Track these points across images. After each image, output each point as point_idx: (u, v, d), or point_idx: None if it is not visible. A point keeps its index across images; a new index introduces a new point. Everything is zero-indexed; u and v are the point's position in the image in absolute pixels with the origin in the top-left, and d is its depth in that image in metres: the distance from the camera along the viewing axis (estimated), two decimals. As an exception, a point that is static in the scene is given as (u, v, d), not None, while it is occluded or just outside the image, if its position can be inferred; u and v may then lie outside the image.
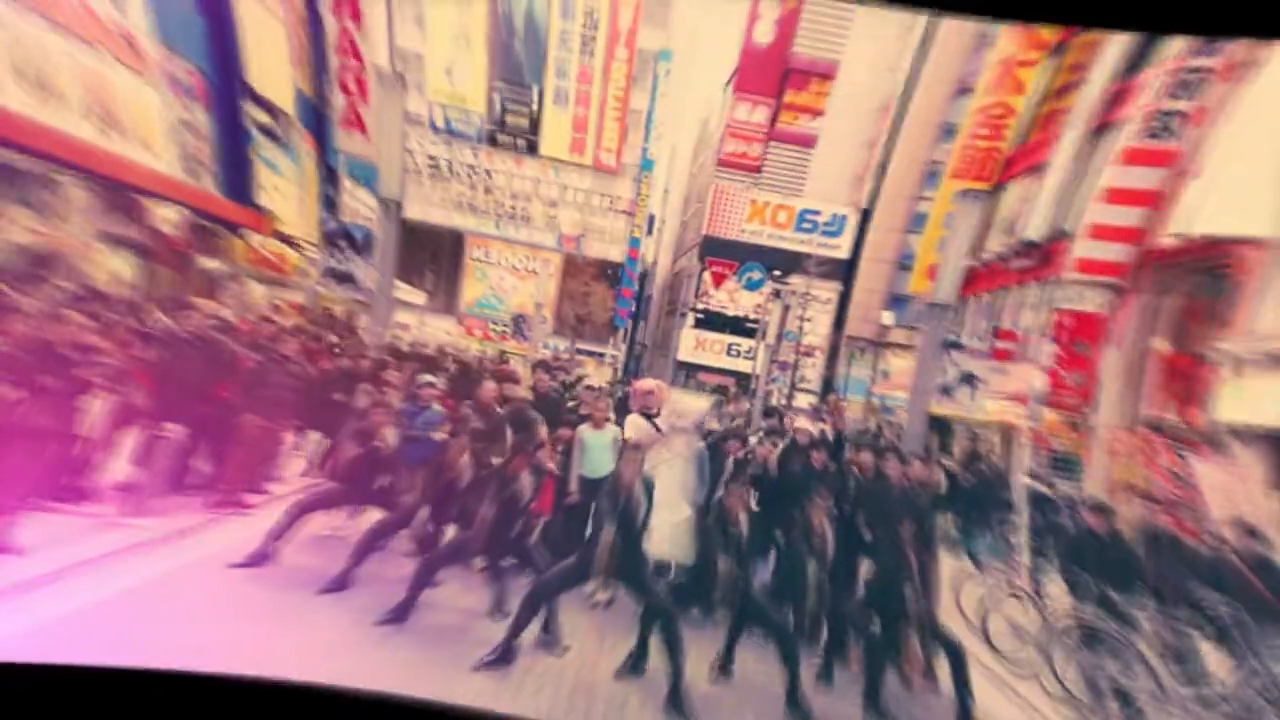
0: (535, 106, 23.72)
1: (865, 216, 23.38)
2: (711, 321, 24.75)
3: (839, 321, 23.64)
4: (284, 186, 16.95)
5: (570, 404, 7.63)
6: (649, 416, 6.47)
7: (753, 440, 7.22)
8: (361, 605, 4.95)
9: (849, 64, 23.30)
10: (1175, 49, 10.72)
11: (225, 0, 13.86)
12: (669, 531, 5.76)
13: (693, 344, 24.68)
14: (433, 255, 25.16)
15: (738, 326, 24.44)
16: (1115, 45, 13.61)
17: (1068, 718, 5.53)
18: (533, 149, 23.80)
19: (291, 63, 16.92)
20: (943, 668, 5.25)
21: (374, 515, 5.72)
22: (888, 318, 22.35)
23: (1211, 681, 5.16)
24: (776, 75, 23.79)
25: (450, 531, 5.63)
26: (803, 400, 21.42)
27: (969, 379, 10.44)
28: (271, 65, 15.93)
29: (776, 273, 23.08)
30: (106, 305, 7.50)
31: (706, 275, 24.67)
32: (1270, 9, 1.49)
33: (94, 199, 10.95)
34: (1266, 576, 5.28)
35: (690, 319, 24.84)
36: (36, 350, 5.03)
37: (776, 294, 22.49)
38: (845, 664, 5.40)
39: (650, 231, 26.82)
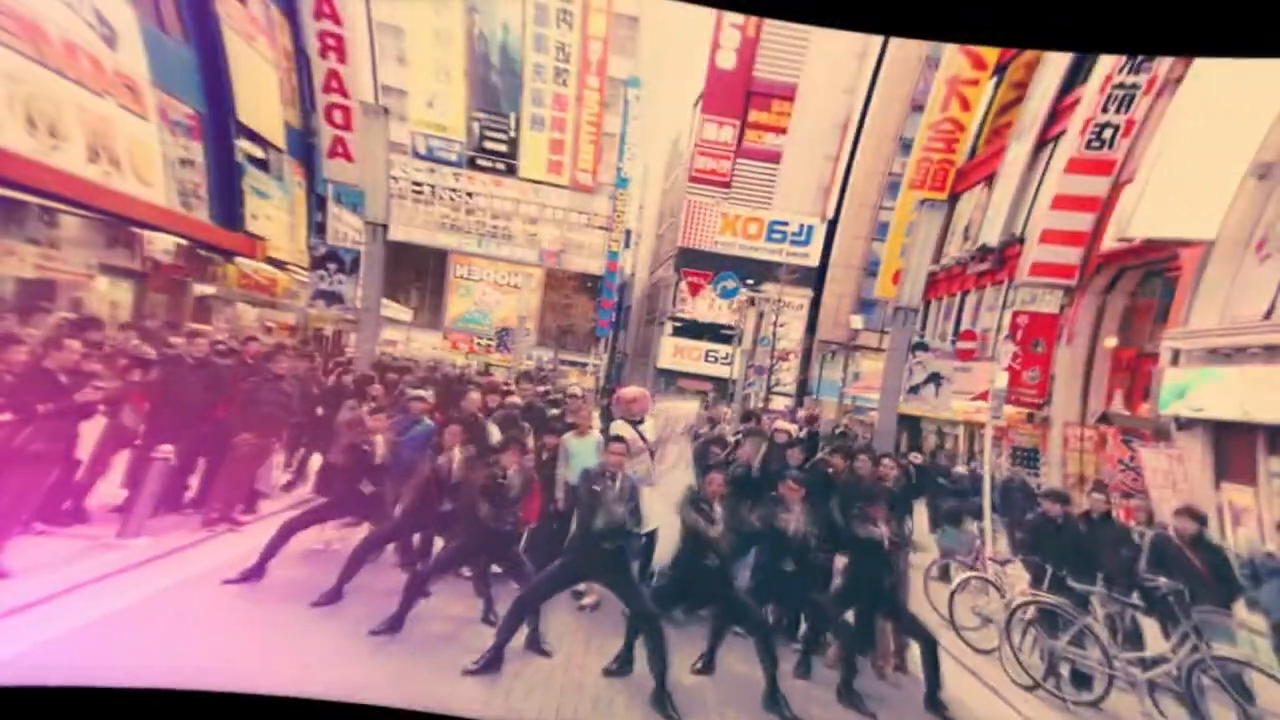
0: (513, 132, 23.80)
1: (832, 226, 23.62)
2: (689, 329, 24.80)
3: (811, 326, 23.78)
4: (275, 213, 16.85)
5: (555, 412, 7.56)
6: (634, 423, 6.39)
7: (733, 442, 7.19)
8: (354, 617, 4.88)
9: (808, 85, 23.63)
10: (1106, 67, 10.98)
11: (219, 46, 14.23)
12: (655, 534, 5.72)
13: (672, 351, 24.73)
14: (418, 274, 25.07)
15: (715, 333, 24.51)
16: (1052, 65, 13.92)
17: (1027, 696, 5.58)
18: (512, 171, 23.84)
19: (281, 101, 16.93)
20: (914, 657, 5.26)
21: (365, 528, 5.64)
22: (857, 322, 22.48)
23: (1152, 652, 5.27)
24: (740, 97, 24.08)
25: (440, 541, 5.56)
26: (779, 403, 21.45)
27: (935, 379, 10.50)
28: (262, 104, 16.08)
29: (750, 281, 23.20)
30: (105, 332, 7.37)
31: (683, 285, 24.76)
32: (1186, 29, 1.56)
33: (94, 233, 10.91)
34: (1207, 557, 5.37)
35: (669, 327, 24.88)
36: (36, 378, 4.93)
37: (751, 301, 22.57)
38: (822, 656, 5.40)
39: (628, 245, 26.89)
